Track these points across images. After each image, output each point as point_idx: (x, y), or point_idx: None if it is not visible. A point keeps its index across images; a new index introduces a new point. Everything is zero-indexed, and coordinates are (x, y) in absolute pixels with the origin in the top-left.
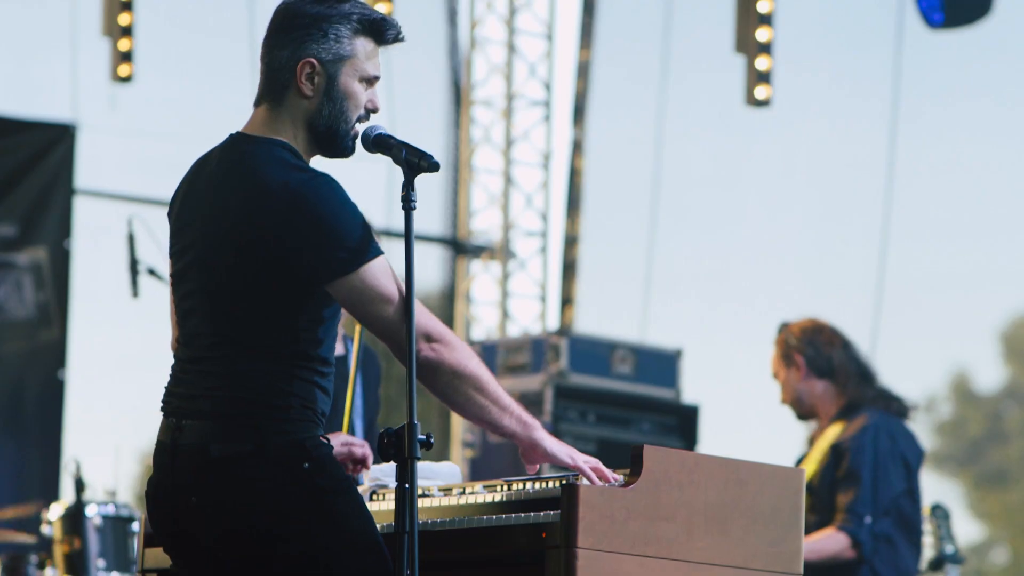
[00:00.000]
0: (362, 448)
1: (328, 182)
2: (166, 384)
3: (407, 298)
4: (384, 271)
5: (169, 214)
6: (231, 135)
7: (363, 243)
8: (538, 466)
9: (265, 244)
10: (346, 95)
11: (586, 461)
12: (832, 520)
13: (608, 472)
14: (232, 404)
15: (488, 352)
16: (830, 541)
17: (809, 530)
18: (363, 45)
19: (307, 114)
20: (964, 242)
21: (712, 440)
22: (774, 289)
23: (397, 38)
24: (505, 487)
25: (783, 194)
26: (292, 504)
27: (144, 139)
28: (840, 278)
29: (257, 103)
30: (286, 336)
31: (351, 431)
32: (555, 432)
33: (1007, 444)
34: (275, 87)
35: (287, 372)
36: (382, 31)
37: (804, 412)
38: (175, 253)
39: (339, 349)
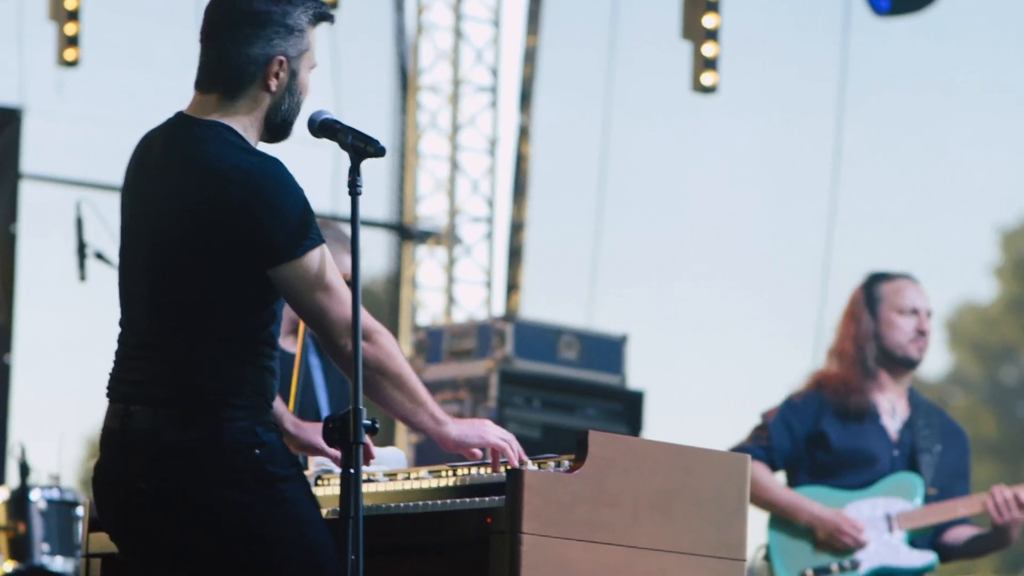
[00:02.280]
0: None
1: (280, 166)
2: (111, 370)
3: (353, 282)
4: (326, 260)
5: (121, 193)
6: (177, 115)
7: (310, 229)
8: (481, 453)
9: (218, 226)
10: (302, 88)
11: (500, 436)
12: None
13: (518, 447)
14: (184, 391)
15: (433, 338)
16: None
17: None
18: (314, 35)
19: (267, 107)
20: (909, 228)
21: (657, 426)
22: (720, 275)
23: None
24: (450, 472)
25: (730, 180)
26: (244, 491)
27: (90, 124)
28: (787, 264)
29: (205, 89)
30: (237, 321)
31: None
32: (500, 417)
33: None
34: (236, 79)
35: (239, 358)
36: (328, 18)
37: None
38: (124, 235)
39: (293, 346)
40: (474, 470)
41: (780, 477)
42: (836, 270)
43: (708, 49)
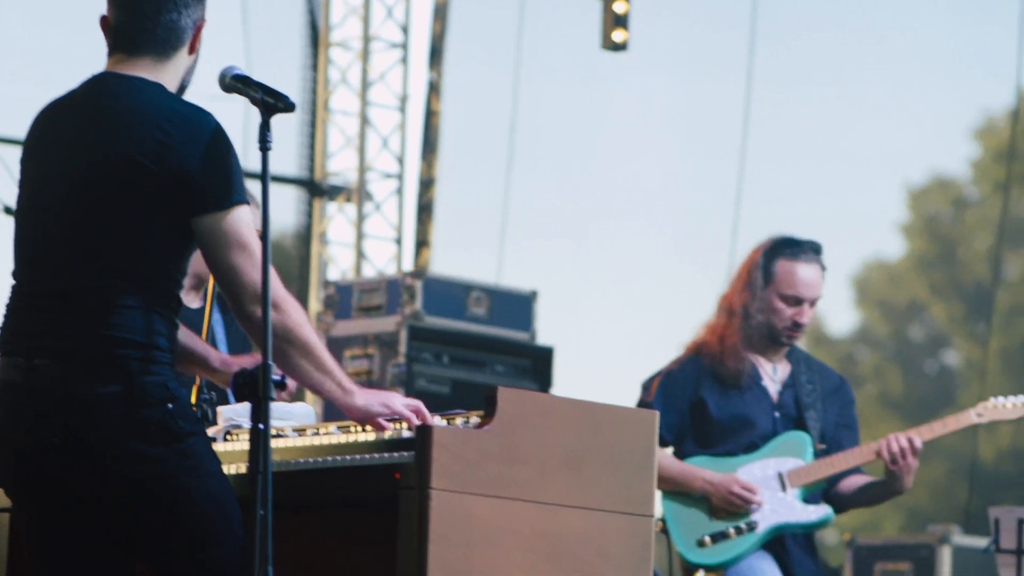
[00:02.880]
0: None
1: (217, 120)
2: (3, 323)
3: (263, 238)
4: (249, 220)
5: (26, 147)
6: (102, 73)
7: (240, 185)
8: (383, 426)
9: (152, 170)
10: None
11: (406, 404)
12: None
13: (427, 414)
14: (97, 343)
15: (343, 293)
16: None
17: None
18: None
19: (186, 71)
20: (818, 186)
21: (566, 382)
22: (631, 232)
23: None
24: (359, 428)
25: (641, 136)
26: (155, 444)
27: None
28: (697, 220)
29: (132, 52)
30: (156, 271)
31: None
32: (409, 374)
33: (860, 387)
34: (169, 43)
35: (154, 310)
36: None
37: None
38: (31, 184)
39: (195, 302)
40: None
41: (669, 451)
42: (745, 226)
43: (619, 6)
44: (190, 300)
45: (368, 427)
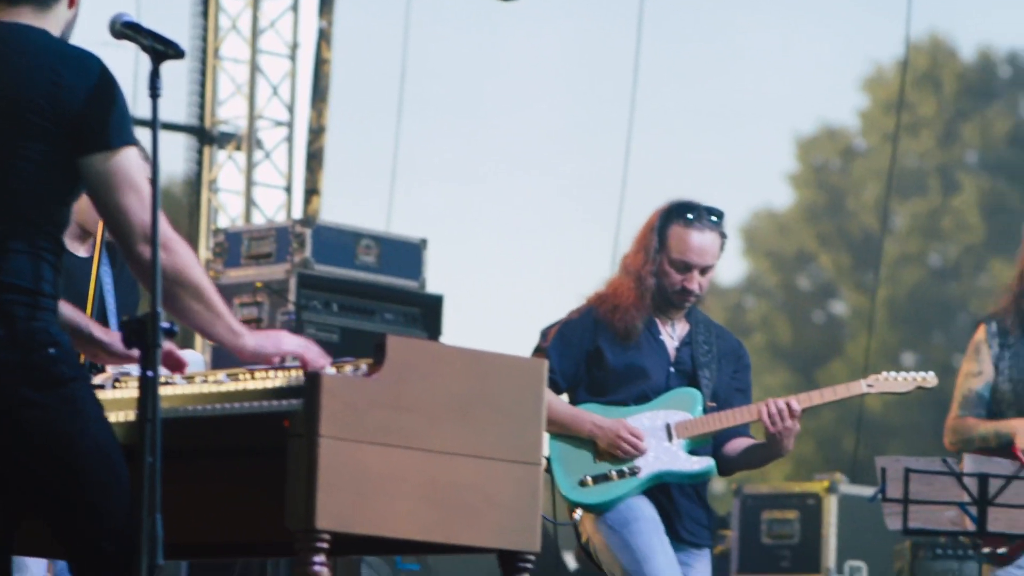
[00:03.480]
0: None
1: (102, 61)
2: None
3: (153, 185)
4: (138, 161)
5: None
6: None
7: (129, 126)
8: (280, 358)
9: (42, 107)
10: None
11: (297, 344)
12: None
13: (320, 352)
14: None
15: (232, 241)
16: None
17: None
18: None
19: (66, 24)
20: (707, 135)
21: (455, 330)
22: (521, 181)
23: None
24: (248, 376)
25: (531, 85)
26: (39, 389)
27: None
28: (586, 170)
29: (12, 2)
30: (44, 214)
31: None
32: (298, 321)
33: (748, 336)
34: None
35: (40, 256)
36: None
37: None
38: None
39: (82, 251)
40: (272, 374)
41: (564, 398)
42: (635, 175)
43: None
44: (76, 248)
45: (256, 375)
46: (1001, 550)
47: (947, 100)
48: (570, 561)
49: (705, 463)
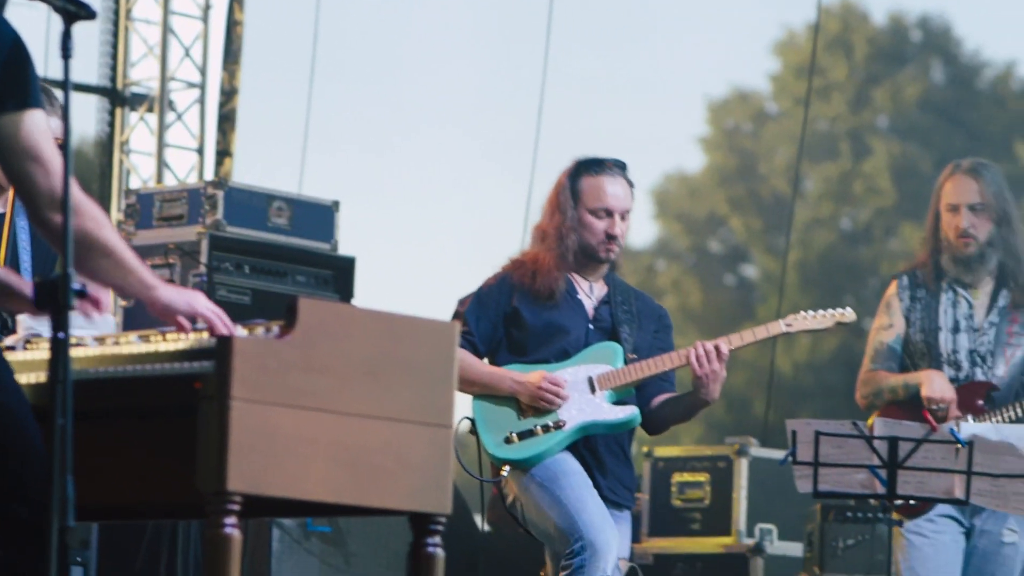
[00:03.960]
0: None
1: (9, 23)
2: None
3: (64, 146)
4: (44, 124)
5: None
6: None
7: (35, 89)
8: (189, 318)
9: None
10: None
11: (208, 308)
12: None
13: (229, 321)
14: None
15: (144, 203)
16: None
17: None
18: None
19: None
20: (619, 98)
21: (367, 293)
22: (434, 143)
23: None
24: (160, 338)
25: (443, 48)
26: None
27: None
28: (498, 136)
29: None
30: None
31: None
32: (210, 283)
33: (659, 299)
34: None
35: None
36: None
37: None
38: None
39: None
40: (184, 335)
41: (485, 362)
42: (547, 139)
43: None
44: None
45: (168, 337)
46: (911, 502)
47: (858, 64)
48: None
49: (629, 411)
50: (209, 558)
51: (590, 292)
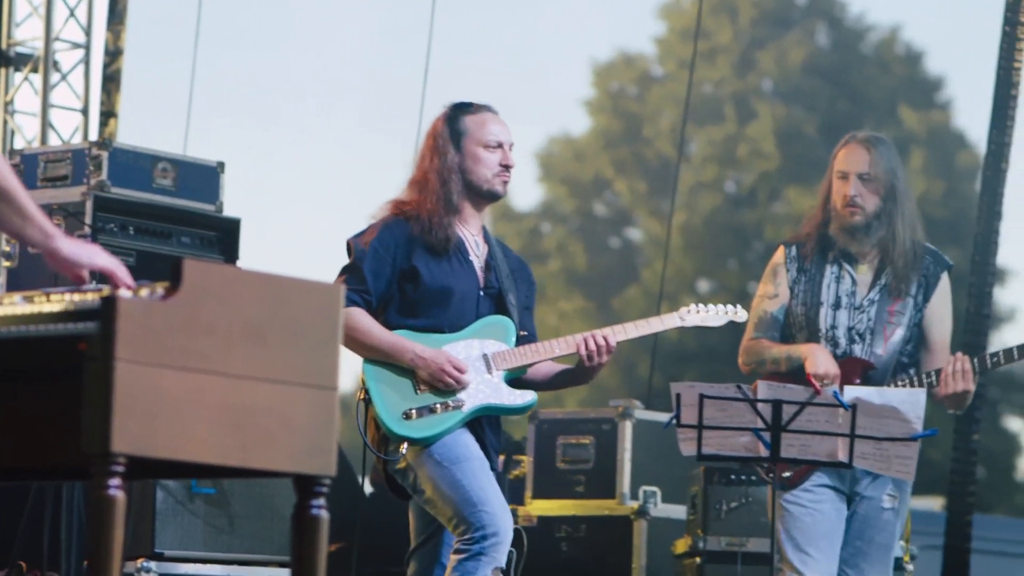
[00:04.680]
0: None
1: None
2: None
3: None
4: None
5: None
6: None
7: None
8: (88, 270)
9: None
10: None
11: (110, 261)
12: None
13: (127, 275)
14: None
15: (28, 163)
16: None
17: None
18: None
19: None
20: (504, 62)
21: (252, 255)
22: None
23: None
24: (44, 299)
25: (330, 10)
26: None
27: None
28: (384, 100)
29: None
30: None
31: None
32: (94, 244)
33: (544, 262)
34: None
35: None
36: None
37: None
38: None
39: None
40: (68, 296)
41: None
42: (432, 104)
43: None
44: None
45: (52, 298)
46: (786, 474)
47: (743, 28)
48: (366, 486)
49: (528, 397)
50: (93, 520)
51: (477, 250)
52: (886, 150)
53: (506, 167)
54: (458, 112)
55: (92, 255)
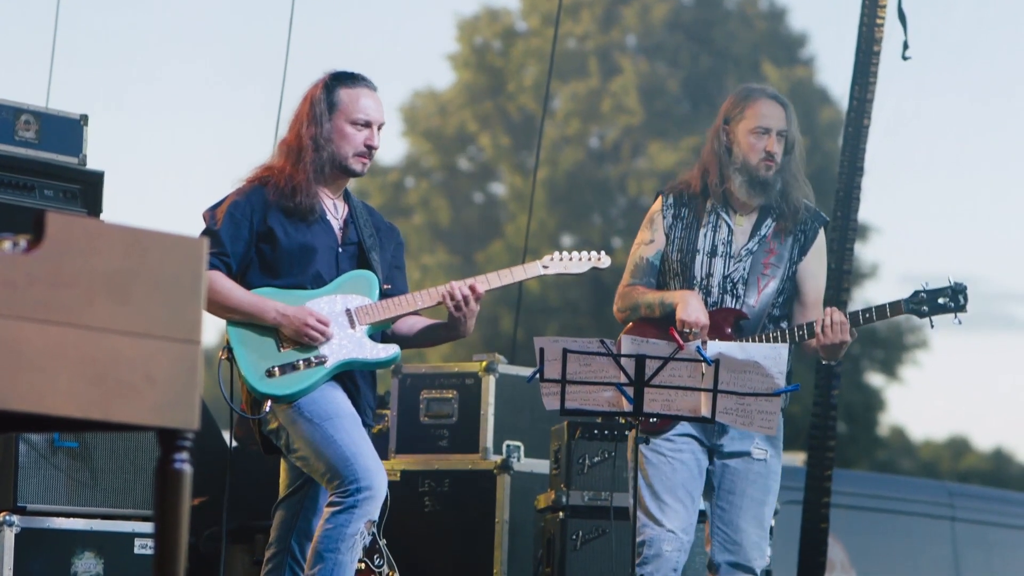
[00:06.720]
0: None
1: None
2: None
3: None
4: None
5: None
6: None
7: None
8: None
9: None
10: None
11: None
12: None
13: None
14: None
15: None
16: None
17: None
18: None
19: None
20: (368, 14)
21: (116, 208)
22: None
23: None
24: None
25: None
26: None
27: None
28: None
29: None
30: None
31: None
32: None
33: (408, 217)
34: None
35: None
36: None
37: None
38: None
39: None
40: None
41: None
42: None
43: None
44: None
45: None
46: (652, 420)
47: None
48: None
49: (391, 351)
50: None
51: (336, 212)
52: (791, 107)
53: (369, 147)
54: (336, 83)
55: None
